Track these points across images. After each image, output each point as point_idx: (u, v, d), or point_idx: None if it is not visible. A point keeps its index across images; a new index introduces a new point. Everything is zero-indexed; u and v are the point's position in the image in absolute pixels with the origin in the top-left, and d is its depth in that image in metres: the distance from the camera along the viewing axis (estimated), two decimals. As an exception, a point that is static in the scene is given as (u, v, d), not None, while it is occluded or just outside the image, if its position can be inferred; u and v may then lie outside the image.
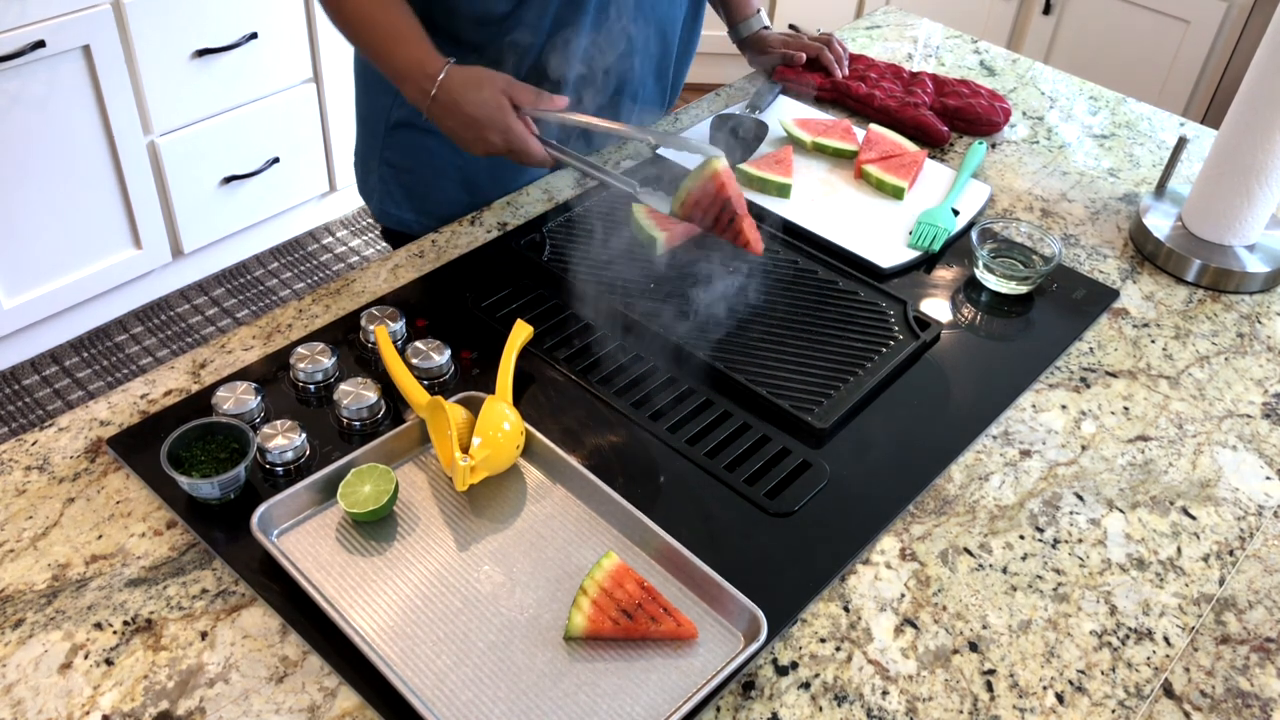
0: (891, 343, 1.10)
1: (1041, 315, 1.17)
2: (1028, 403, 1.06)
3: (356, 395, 0.96)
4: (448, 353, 1.02)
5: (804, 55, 1.51)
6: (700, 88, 3.57)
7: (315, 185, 2.72)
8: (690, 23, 1.38)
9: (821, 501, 0.93)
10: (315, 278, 2.69)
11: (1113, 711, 0.80)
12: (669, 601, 0.81)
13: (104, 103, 2.20)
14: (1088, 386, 1.09)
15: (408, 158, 1.33)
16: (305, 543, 0.86)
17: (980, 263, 1.19)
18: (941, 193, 1.33)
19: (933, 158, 1.42)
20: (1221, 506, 0.97)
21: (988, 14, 2.91)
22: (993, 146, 1.46)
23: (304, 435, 0.92)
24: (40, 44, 2.05)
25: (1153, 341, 1.15)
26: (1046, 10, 2.79)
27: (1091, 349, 1.13)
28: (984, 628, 0.85)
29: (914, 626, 0.85)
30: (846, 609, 0.86)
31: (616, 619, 0.80)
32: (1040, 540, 0.92)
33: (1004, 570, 0.90)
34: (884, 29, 1.76)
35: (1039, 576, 0.89)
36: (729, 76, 3.46)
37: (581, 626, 0.80)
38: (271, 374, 1.01)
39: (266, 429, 0.91)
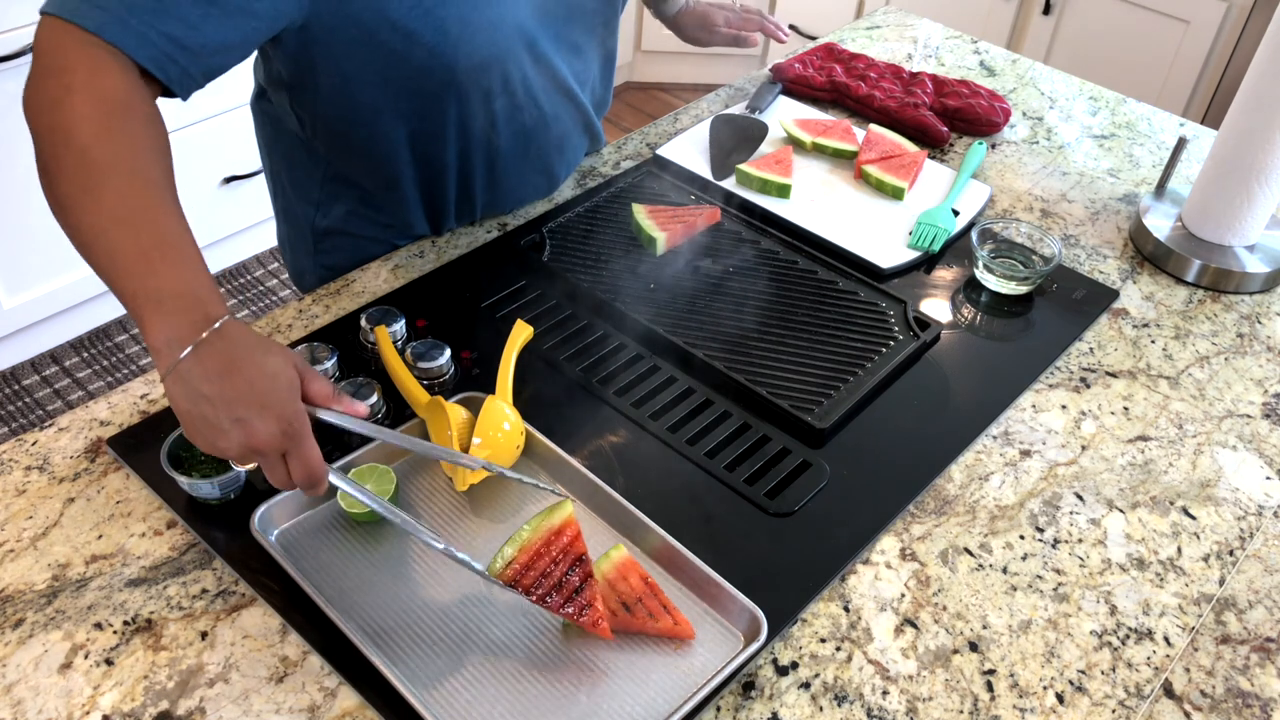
0: (891, 343, 1.10)
1: (1041, 315, 1.17)
2: (1028, 403, 1.06)
3: (356, 395, 0.96)
4: (448, 353, 1.02)
5: (757, 37, 1.46)
6: (700, 88, 3.57)
7: (315, 185, 2.72)
8: (605, 71, 1.28)
9: (821, 501, 0.93)
10: (315, 278, 2.69)
11: (1113, 711, 0.80)
12: (670, 600, 0.81)
13: (104, 103, 2.20)
14: (1088, 386, 1.09)
15: (346, 259, 1.22)
16: (305, 543, 0.86)
17: (980, 263, 1.19)
18: (941, 193, 1.33)
19: (933, 158, 1.42)
20: (1221, 506, 0.97)
21: (988, 14, 2.91)
22: (993, 147, 1.46)
23: (304, 435, 0.92)
24: (40, 44, 2.05)
25: (1153, 342, 1.15)
26: (1046, 10, 2.79)
27: (1091, 349, 1.13)
28: (984, 628, 0.85)
29: (914, 626, 0.85)
30: (846, 609, 0.86)
31: (615, 611, 0.80)
32: (1040, 540, 0.92)
33: (1004, 570, 0.90)
34: (884, 29, 1.76)
35: (1039, 576, 0.89)
36: (729, 76, 3.47)
37: None
38: (271, 374, 1.01)
39: (266, 429, 0.91)
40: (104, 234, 0.77)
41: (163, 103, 0.91)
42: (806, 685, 0.80)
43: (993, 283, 1.19)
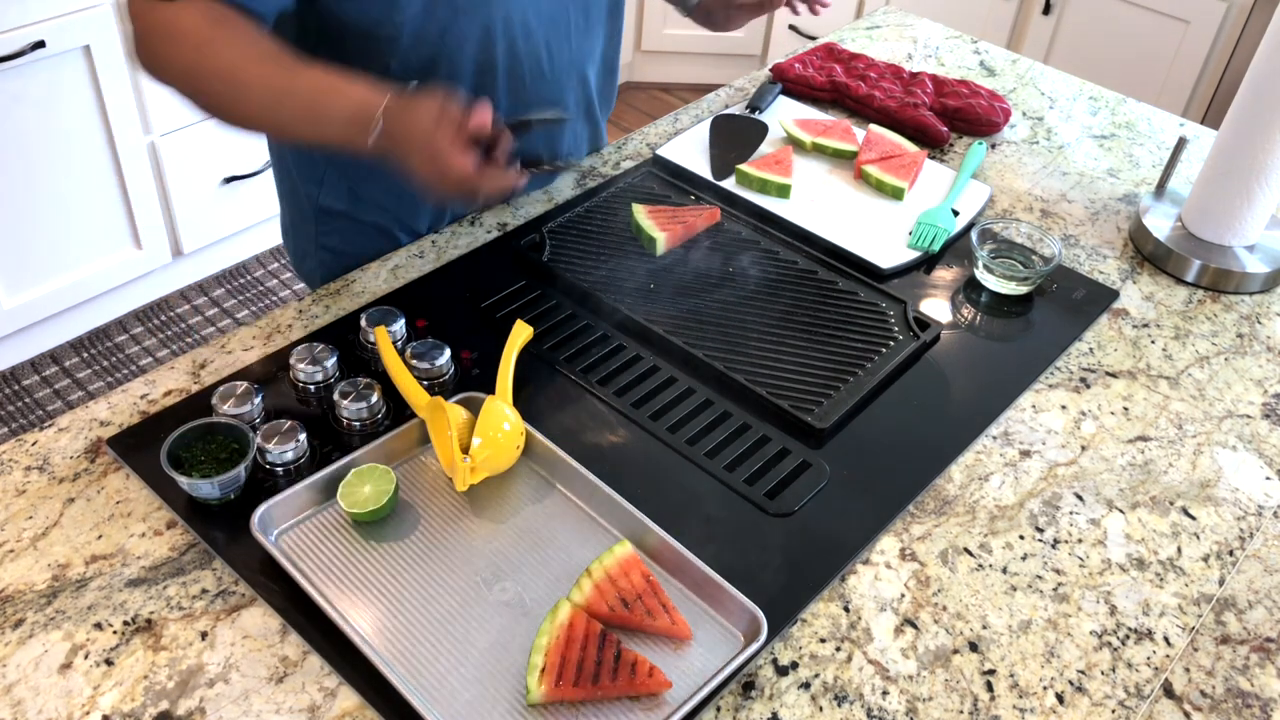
0: (891, 343, 1.10)
1: (1041, 315, 1.17)
2: (1028, 403, 1.06)
3: (356, 395, 0.96)
4: (448, 353, 1.02)
5: None
6: (700, 88, 3.57)
7: (315, 185, 2.72)
8: (610, 52, 1.29)
9: (821, 501, 0.93)
10: (315, 278, 2.69)
11: (1113, 711, 0.80)
12: (669, 599, 0.81)
13: (104, 103, 2.20)
14: (1088, 387, 1.09)
15: (346, 241, 1.25)
16: (305, 543, 0.86)
17: (980, 263, 1.19)
18: (941, 193, 1.33)
19: (933, 158, 1.42)
20: (1221, 506, 0.97)
21: (988, 14, 2.91)
22: (993, 147, 1.46)
23: (304, 435, 0.92)
24: (40, 44, 2.05)
25: (1152, 342, 1.15)
26: (1046, 10, 2.78)
27: (1091, 349, 1.13)
28: (984, 628, 0.85)
29: (914, 626, 0.85)
30: (846, 609, 0.86)
31: (614, 605, 0.80)
32: (1040, 540, 0.92)
33: (1004, 570, 0.90)
34: (884, 29, 1.76)
35: (1039, 576, 0.89)
36: (729, 77, 3.47)
37: (579, 602, 0.80)
38: (271, 374, 1.01)
39: (266, 429, 0.91)
40: (267, 112, 0.97)
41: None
42: (806, 685, 0.80)
43: (993, 283, 1.19)
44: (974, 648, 0.83)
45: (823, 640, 0.83)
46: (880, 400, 1.04)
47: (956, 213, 1.29)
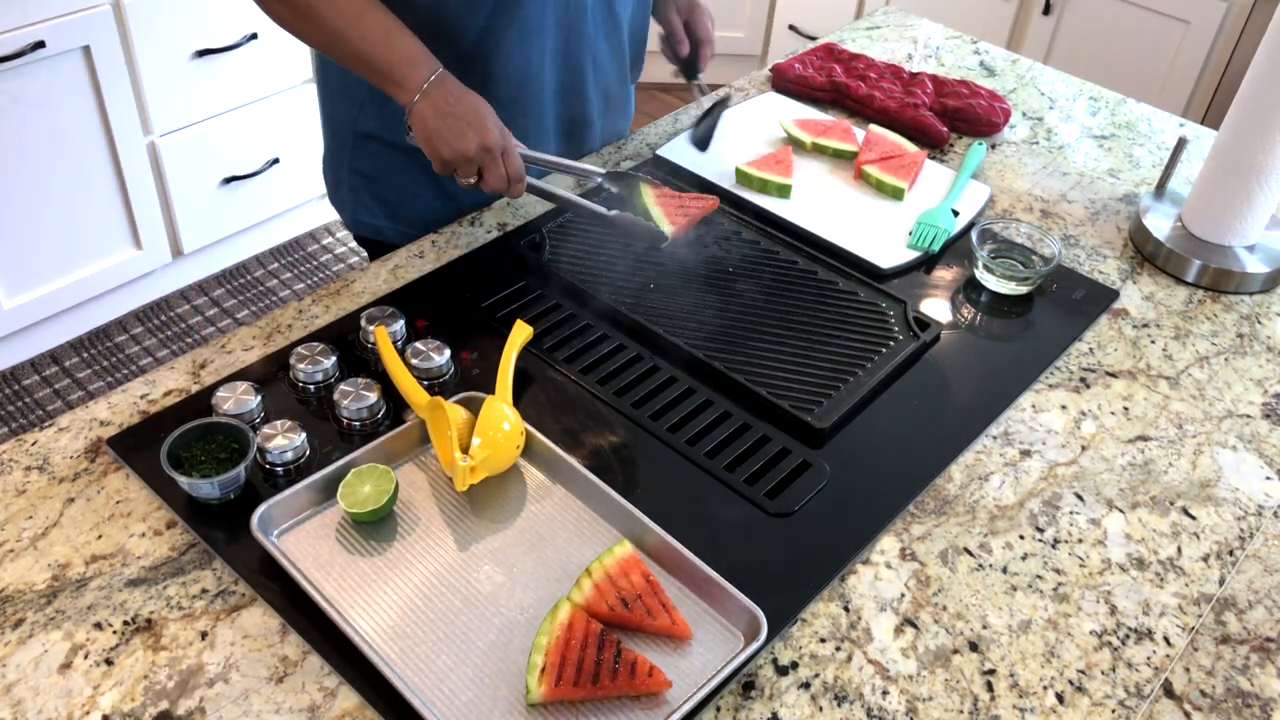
0: (891, 343, 1.10)
1: (1041, 315, 1.17)
2: (1028, 403, 1.06)
3: (356, 395, 0.96)
4: (448, 353, 1.02)
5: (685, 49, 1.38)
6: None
7: (315, 185, 2.72)
8: (639, 12, 1.34)
9: (821, 501, 0.93)
10: (315, 278, 2.69)
11: (1113, 711, 0.80)
12: (669, 599, 0.81)
13: (104, 103, 2.20)
14: (1088, 387, 1.09)
15: (379, 167, 1.29)
16: (305, 543, 0.86)
17: (980, 263, 1.19)
18: (941, 193, 1.33)
19: (933, 158, 1.42)
20: (1221, 506, 0.97)
21: (988, 14, 2.91)
22: (992, 147, 1.46)
23: (304, 435, 0.92)
24: (40, 44, 2.05)
25: (1153, 342, 1.15)
26: (1046, 10, 2.78)
27: (1091, 349, 1.13)
28: (984, 628, 0.85)
29: (914, 626, 0.85)
30: (846, 609, 0.86)
31: (614, 605, 0.80)
32: (1040, 540, 0.92)
33: (1004, 570, 0.90)
34: (884, 29, 1.76)
35: (1039, 576, 0.89)
36: (729, 77, 3.47)
37: (579, 602, 0.80)
38: (271, 374, 1.01)
39: (266, 429, 0.91)
40: (339, 34, 1.07)
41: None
42: (806, 685, 0.80)
43: (993, 283, 1.19)
44: (974, 647, 0.83)
45: (823, 640, 0.83)
46: (880, 400, 1.04)
47: (956, 213, 1.29)
